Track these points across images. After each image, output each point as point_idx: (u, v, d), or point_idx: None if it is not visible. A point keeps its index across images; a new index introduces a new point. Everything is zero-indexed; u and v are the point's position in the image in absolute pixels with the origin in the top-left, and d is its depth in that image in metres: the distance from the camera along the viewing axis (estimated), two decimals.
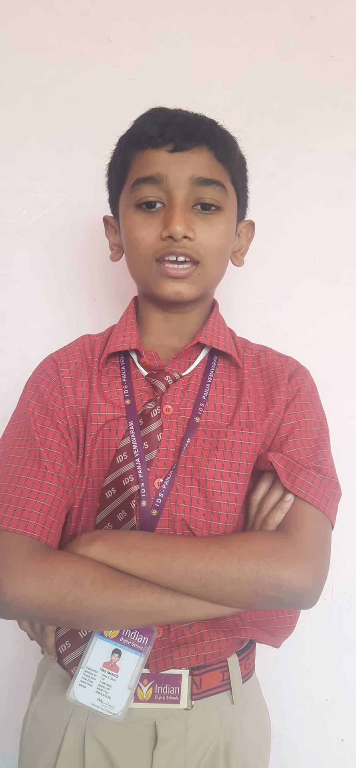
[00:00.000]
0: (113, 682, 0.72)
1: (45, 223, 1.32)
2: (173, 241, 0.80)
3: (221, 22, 1.30)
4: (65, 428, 0.82)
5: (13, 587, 0.67)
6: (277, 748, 1.30)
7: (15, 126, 1.31)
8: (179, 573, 0.70)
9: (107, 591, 0.69)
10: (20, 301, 1.33)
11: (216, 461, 0.80)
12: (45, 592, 0.67)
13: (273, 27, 1.29)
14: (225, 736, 0.81)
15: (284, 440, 0.82)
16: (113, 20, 1.30)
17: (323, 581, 0.75)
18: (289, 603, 0.74)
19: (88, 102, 1.31)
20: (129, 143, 0.86)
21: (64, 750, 0.79)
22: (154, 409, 0.82)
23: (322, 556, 0.75)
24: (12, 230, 1.32)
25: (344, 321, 1.30)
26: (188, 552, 0.71)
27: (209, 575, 0.70)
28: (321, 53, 1.29)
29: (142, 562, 0.70)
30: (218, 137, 0.85)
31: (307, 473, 0.77)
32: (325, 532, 0.77)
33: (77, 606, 0.68)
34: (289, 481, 0.76)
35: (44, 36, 1.31)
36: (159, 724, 0.78)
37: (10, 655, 1.34)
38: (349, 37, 1.28)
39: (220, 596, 0.71)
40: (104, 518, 0.78)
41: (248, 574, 0.70)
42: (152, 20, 1.30)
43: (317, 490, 0.76)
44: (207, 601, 0.72)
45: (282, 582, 0.70)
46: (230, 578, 0.70)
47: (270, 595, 0.70)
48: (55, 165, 1.31)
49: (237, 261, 0.96)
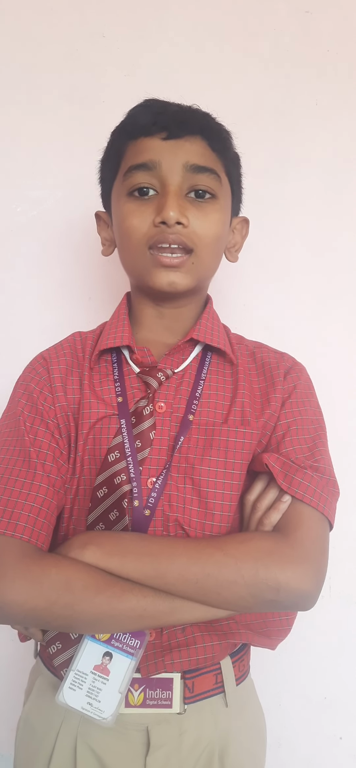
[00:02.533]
0: (103, 685, 0.70)
1: (40, 221, 1.31)
2: (166, 227, 0.78)
3: (216, 17, 1.29)
4: (56, 427, 0.80)
5: (3, 592, 0.65)
6: (276, 748, 1.30)
7: (9, 123, 1.30)
8: (174, 577, 0.68)
9: (99, 596, 0.67)
10: (15, 299, 1.32)
11: (210, 460, 0.78)
12: (35, 596, 0.65)
13: (269, 22, 1.28)
14: (220, 740, 0.80)
15: (280, 439, 0.80)
16: (106, 16, 1.29)
17: (322, 582, 0.73)
18: (288, 605, 0.73)
19: (82, 99, 1.30)
20: (122, 133, 0.86)
21: (56, 757, 0.77)
22: (146, 406, 0.81)
23: (321, 557, 0.74)
24: (6, 228, 1.31)
25: (341, 317, 1.29)
26: (183, 555, 0.69)
27: (205, 578, 0.68)
28: (317, 48, 1.28)
29: (137, 566, 0.69)
30: (212, 127, 0.85)
31: (304, 473, 0.76)
32: (323, 532, 0.76)
33: (68, 611, 0.66)
34: (286, 482, 0.75)
35: (38, 33, 1.30)
36: (152, 730, 0.76)
37: (6, 655, 1.33)
38: (345, 32, 1.28)
39: (217, 600, 0.69)
40: (95, 518, 0.76)
41: (245, 576, 0.68)
42: (146, 16, 1.29)
43: (314, 490, 0.75)
44: (204, 605, 0.70)
45: (281, 584, 0.68)
46: (227, 581, 0.68)
47: (269, 598, 0.69)
48: (49, 162, 1.30)
49: (232, 257, 0.94)
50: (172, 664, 0.76)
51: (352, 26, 1.27)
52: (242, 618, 0.78)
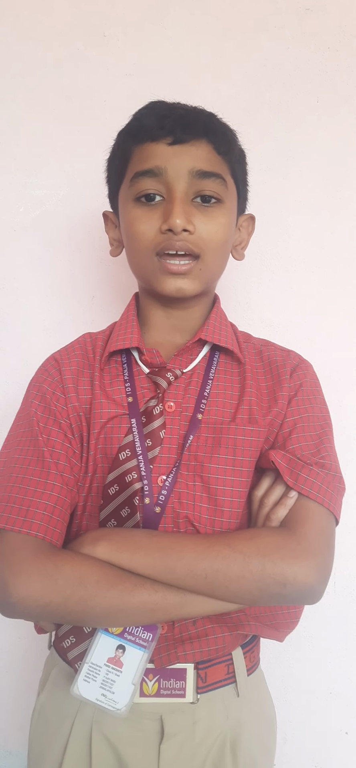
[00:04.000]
0: (116, 677, 0.72)
1: (43, 220, 1.32)
2: (173, 234, 0.79)
3: (217, 14, 1.29)
4: (68, 427, 0.82)
5: (19, 588, 0.67)
6: (282, 742, 1.30)
7: (11, 123, 1.31)
8: (183, 572, 0.70)
9: (112, 590, 0.69)
10: (19, 298, 1.32)
11: (219, 458, 0.79)
12: (50, 592, 0.67)
13: (269, 19, 1.28)
14: (232, 729, 0.81)
15: (287, 437, 0.81)
16: (107, 15, 1.30)
17: (328, 577, 0.75)
18: (294, 599, 0.74)
19: (83, 98, 1.30)
20: (128, 137, 0.86)
21: (71, 745, 0.79)
22: (156, 406, 0.82)
23: (327, 552, 0.75)
24: (9, 228, 1.32)
25: (344, 314, 1.29)
26: (192, 551, 0.71)
27: (213, 573, 0.70)
28: (317, 45, 1.28)
29: (146, 561, 0.70)
30: (218, 129, 0.85)
31: (310, 470, 0.76)
32: (329, 527, 0.77)
33: (82, 606, 0.68)
34: (292, 478, 0.76)
35: (39, 32, 1.30)
36: (165, 719, 0.78)
37: (14, 653, 1.33)
38: (345, 28, 1.28)
39: (225, 594, 0.71)
40: (107, 515, 0.78)
41: (253, 571, 0.70)
42: (146, 14, 1.30)
43: (320, 486, 0.76)
44: (212, 599, 0.72)
45: (287, 579, 0.70)
46: (235, 576, 0.70)
47: (275, 592, 0.71)
48: (51, 161, 1.31)
49: (238, 255, 0.95)
50: (185, 656, 0.78)
51: (353, 23, 1.27)
52: (251, 610, 0.80)
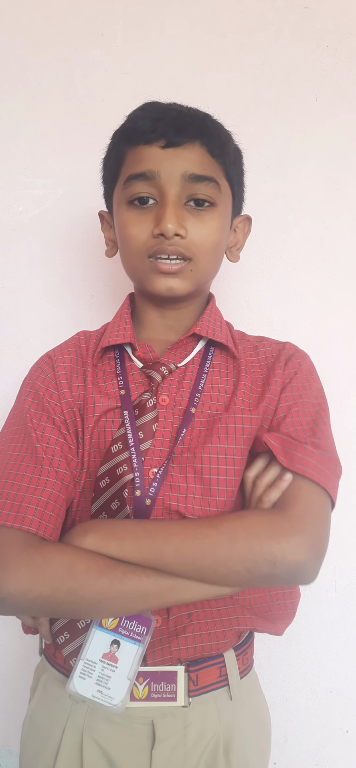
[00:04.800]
0: (112, 673, 0.71)
1: (41, 219, 1.32)
2: (165, 238, 0.79)
3: (215, 13, 1.29)
4: (62, 423, 0.82)
5: (8, 582, 0.66)
6: (282, 741, 1.30)
7: (9, 122, 1.31)
8: (171, 556, 0.69)
9: (101, 579, 0.68)
10: (18, 298, 1.32)
11: (211, 447, 0.79)
12: (39, 584, 0.66)
13: (268, 18, 1.28)
14: (225, 732, 0.80)
15: (281, 420, 0.81)
16: (105, 14, 1.30)
17: (321, 555, 0.73)
18: (286, 579, 0.72)
19: (82, 97, 1.30)
20: (122, 138, 0.86)
21: (63, 752, 0.78)
22: (150, 399, 0.82)
23: (319, 528, 0.73)
24: (8, 227, 1.32)
25: (343, 312, 1.29)
26: (179, 535, 0.70)
27: (201, 556, 0.69)
28: (316, 43, 1.28)
29: (135, 548, 0.70)
30: (212, 132, 0.84)
31: (305, 449, 0.76)
32: (323, 504, 0.75)
33: (71, 596, 0.67)
34: (287, 459, 0.75)
35: (37, 32, 1.30)
36: (157, 723, 0.77)
37: (14, 652, 1.34)
38: (344, 27, 1.28)
39: (214, 577, 0.70)
40: (98, 508, 0.77)
41: (240, 551, 0.68)
42: (145, 13, 1.30)
43: (316, 465, 0.75)
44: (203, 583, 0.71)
45: (276, 557, 0.68)
46: (222, 558, 0.69)
47: (265, 571, 0.69)
48: (50, 161, 1.31)
49: (233, 256, 0.95)
50: (178, 651, 0.77)
51: (352, 21, 1.27)
52: (245, 602, 0.79)
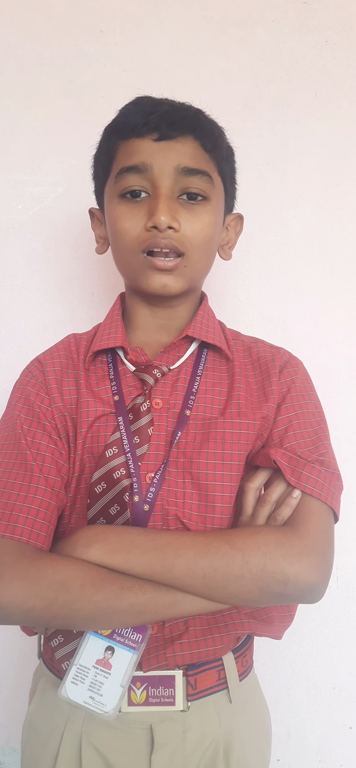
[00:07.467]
0: (105, 679, 0.70)
1: (41, 217, 1.31)
2: (158, 231, 0.78)
3: (214, 9, 1.28)
4: (53, 428, 0.80)
5: (1, 593, 0.65)
6: (286, 738, 1.30)
7: (8, 120, 1.30)
8: (181, 571, 0.68)
9: (98, 594, 0.67)
10: (17, 296, 1.31)
11: (208, 453, 0.78)
12: (32, 597, 0.65)
13: (267, 13, 1.28)
14: (224, 736, 0.79)
15: (283, 434, 0.80)
16: (104, 11, 1.29)
17: (329, 575, 0.73)
18: (295, 598, 0.72)
19: (81, 94, 1.30)
20: (113, 132, 0.85)
21: (61, 757, 0.77)
22: (143, 403, 0.81)
23: (328, 549, 0.74)
24: (8, 225, 1.31)
25: (344, 308, 1.29)
26: (190, 549, 0.69)
27: (212, 572, 0.68)
28: (315, 38, 1.28)
29: (142, 561, 0.68)
30: (205, 126, 0.84)
31: (312, 468, 0.75)
32: (330, 525, 0.76)
33: (66, 610, 0.66)
34: (294, 477, 0.75)
35: (36, 29, 1.29)
36: (155, 728, 0.76)
37: (18, 650, 1.33)
38: (343, 22, 1.27)
39: (224, 594, 0.69)
40: (95, 513, 0.76)
41: (252, 570, 0.68)
42: (143, 9, 1.29)
43: (323, 484, 0.75)
44: (209, 600, 0.70)
45: (289, 578, 0.68)
46: (234, 575, 0.68)
47: (276, 591, 0.69)
48: (49, 158, 1.30)
49: (225, 254, 0.93)
50: (173, 658, 0.76)
51: (351, 16, 1.27)
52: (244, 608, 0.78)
